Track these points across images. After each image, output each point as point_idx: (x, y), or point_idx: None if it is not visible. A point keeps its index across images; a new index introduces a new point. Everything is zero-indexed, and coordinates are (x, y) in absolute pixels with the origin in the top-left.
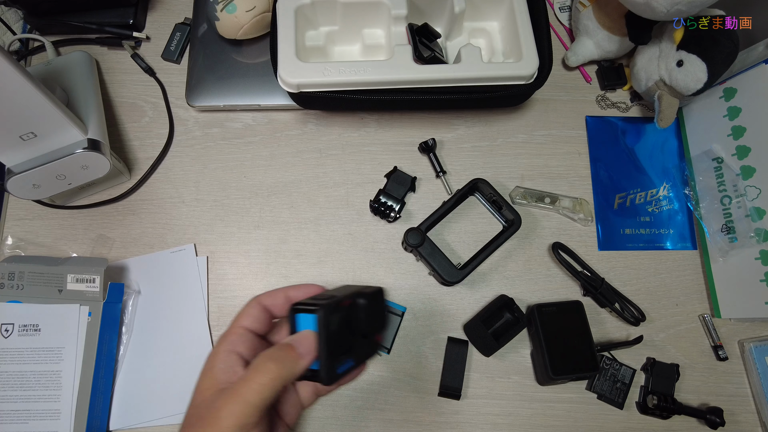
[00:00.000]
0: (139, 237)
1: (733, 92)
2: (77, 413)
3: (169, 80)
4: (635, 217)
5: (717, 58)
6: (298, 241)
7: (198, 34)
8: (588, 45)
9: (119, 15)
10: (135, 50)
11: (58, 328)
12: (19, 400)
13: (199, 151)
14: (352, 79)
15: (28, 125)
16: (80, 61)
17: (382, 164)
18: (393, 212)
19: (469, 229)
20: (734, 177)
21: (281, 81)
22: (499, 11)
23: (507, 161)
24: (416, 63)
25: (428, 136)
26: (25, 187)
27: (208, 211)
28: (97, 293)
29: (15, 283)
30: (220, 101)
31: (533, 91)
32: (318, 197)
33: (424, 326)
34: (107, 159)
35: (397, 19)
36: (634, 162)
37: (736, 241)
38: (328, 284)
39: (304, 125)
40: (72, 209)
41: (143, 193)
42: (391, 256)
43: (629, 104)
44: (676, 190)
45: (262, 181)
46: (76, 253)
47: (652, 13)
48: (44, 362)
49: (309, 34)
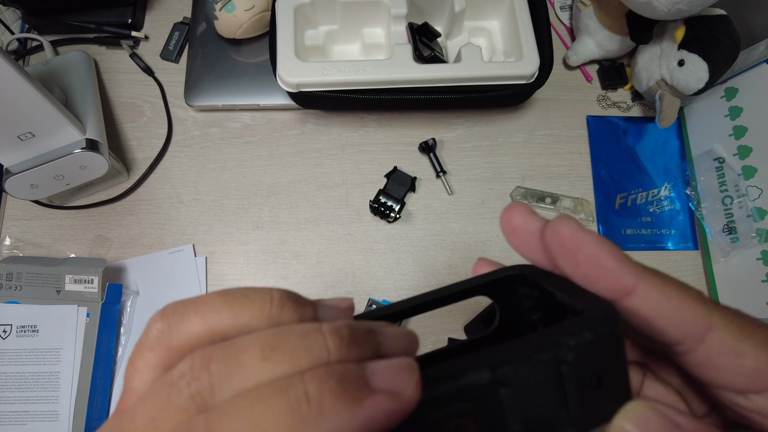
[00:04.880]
0: (138, 237)
1: (735, 92)
2: (76, 414)
3: (167, 80)
4: (636, 217)
5: (718, 57)
6: (297, 241)
7: (197, 34)
8: (589, 44)
9: (117, 14)
10: (133, 50)
11: (57, 329)
12: (17, 402)
13: (198, 151)
14: (351, 79)
15: (26, 125)
16: (78, 61)
17: (382, 164)
18: (393, 212)
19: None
20: (736, 177)
21: (280, 80)
22: (499, 10)
23: (507, 161)
24: (416, 62)
25: (428, 136)
26: (23, 188)
27: (206, 211)
28: (95, 294)
29: (13, 284)
30: (218, 101)
31: (534, 91)
32: (317, 197)
33: (425, 327)
34: (105, 159)
35: (396, 18)
36: (635, 162)
37: (738, 242)
38: (327, 284)
39: (303, 125)
40: (70, 209)
41: (142, 194)
42: (391, 256)
43: (630, 104)
44: (677, 190)
45: (261, 181)
46: (74, 253)
47: (653, 12)
48: (42, 363)
49: (308, 33)
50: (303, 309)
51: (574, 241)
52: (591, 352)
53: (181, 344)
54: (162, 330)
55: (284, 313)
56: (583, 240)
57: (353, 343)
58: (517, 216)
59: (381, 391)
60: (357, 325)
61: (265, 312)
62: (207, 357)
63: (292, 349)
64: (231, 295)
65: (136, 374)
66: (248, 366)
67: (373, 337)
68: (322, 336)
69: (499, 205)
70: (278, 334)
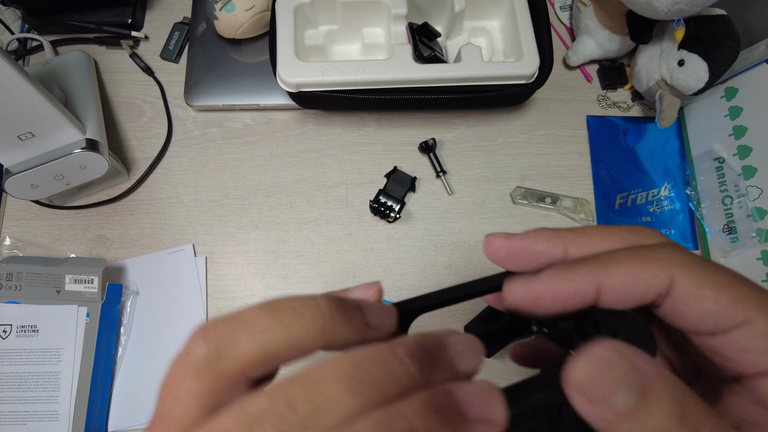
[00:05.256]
0: (138, 237)
1: (735, 92)
2: (76, 414)
3: (167, 80)
4: (636, 217)
5: (718, 57)
6: (297, 241)
7: (197, 34)
8: (589, 44)
9: (117, 14)
10: (133, 50)
11: (57, 329)
12: (17, 402)
13: (198, 151)
14: (351, 79)
15: (26, 125)
16: (78, 61)
17: (382, 164)
18: (393, 212)
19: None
20: (736, 177)
21: (280, 80)
22: (499, 10)
23: (507, 161)
24: (416, 62)
25: (428, 135)
26: (23, 188)
27: (206, 211)
28: (95, 294)
29: (13, 284)
30: (218, 101)
31: (534, 91)
32: (317, 197)
33: (426, 327)
34: (105, 159)
35: (396, 18)
36: (635, 162)
37: (738, 242)
38: (327, 284)
39: (303, 125)
40: (70, 209)
41: (141, 194)
42: (391, 256)
43: (630, 104)
44: (677, 190)
45: (261, 181)
46: (74, 253)
47: (653, 12)
48: (42, 363)
49: (308, 33)
50: (353, 317)
51: (506, 248)
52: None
53: (234, 369)
54: (209, 356)
55: (337, 325)
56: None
57: (432, 364)
58: (496, 241)
59: (478, 420)
60: (427, 342)
61: (318, 326)
62: (288, 394)
63: (377, 379)
64: (278, 310)
65: (177, 403)
66: (337, 401)
67: (446, 353)
68: (400, 362)
69: (499, 205)
70: (357, 362)
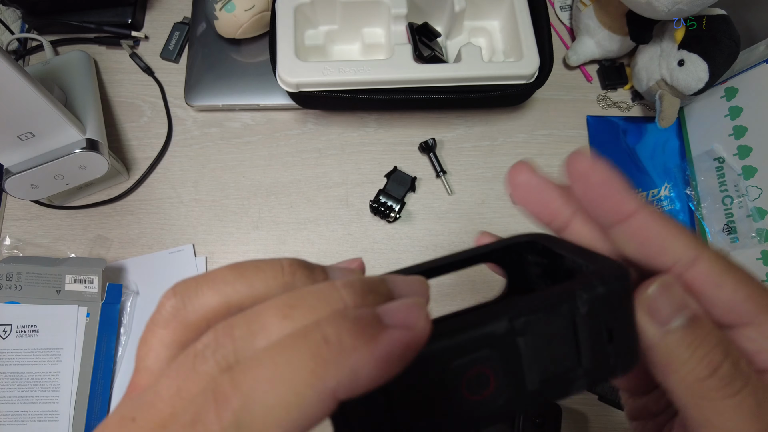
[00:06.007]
0: (138, 237)
1: (735, 92)
2: (76, 414)
3: (167, 80)
4: None
5: (718, 57)
6: (297, 241)
7: (197, 34)
8: (589, 44)
9: (117, 14)
10: (133, 50)
11: (57, 329)
12: (17, 402)
13: (198, 151)
14: (351, 79)
15: (26, 125)
16: (78, 61)
17: (382, 164)
18: (393, 212)
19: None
20: (736, 177)
21: (280, 80)
22: (499, 10)
23: (508, 161)
24: (416, 62)
25: (428, 135)
26: (23, 187)
27: (206, 211)
28: (95, 294)
29: (13, 284)
30: (218, 101)
31: (534, 91)
32: (317, 197)
33: None
34: (105, 159)
35: (396, 18)
36: (635, 162)
37: (738, 242)
38: None
39: (303, 125)
40: (70, 209)
41: (141, 194)
42: (391, 256)
43: (630, 104)
44: (677, 190)
45: (260, 181)
46: (74, 253)
47: (653, 12)
48: (42, 363)
49: (308, 33)
50: (314, 273)
51: (589, 166)
52: (604, 306)
53: (198, 319)
54: (176, 306)
55: (297, 278)
56: (596, 166)
57: (367, 291)
58: (523, 173)
59: (394, 326)
60: (369, 278)
61: (279, 280)
62: (229, 325)
63: (310, 304)
64: (243, 267)
65: (150, 353)
66: (269, 326)
67: (385, 285)
68: (336, 290)
69: (499, 205)
70: (295, 294)
